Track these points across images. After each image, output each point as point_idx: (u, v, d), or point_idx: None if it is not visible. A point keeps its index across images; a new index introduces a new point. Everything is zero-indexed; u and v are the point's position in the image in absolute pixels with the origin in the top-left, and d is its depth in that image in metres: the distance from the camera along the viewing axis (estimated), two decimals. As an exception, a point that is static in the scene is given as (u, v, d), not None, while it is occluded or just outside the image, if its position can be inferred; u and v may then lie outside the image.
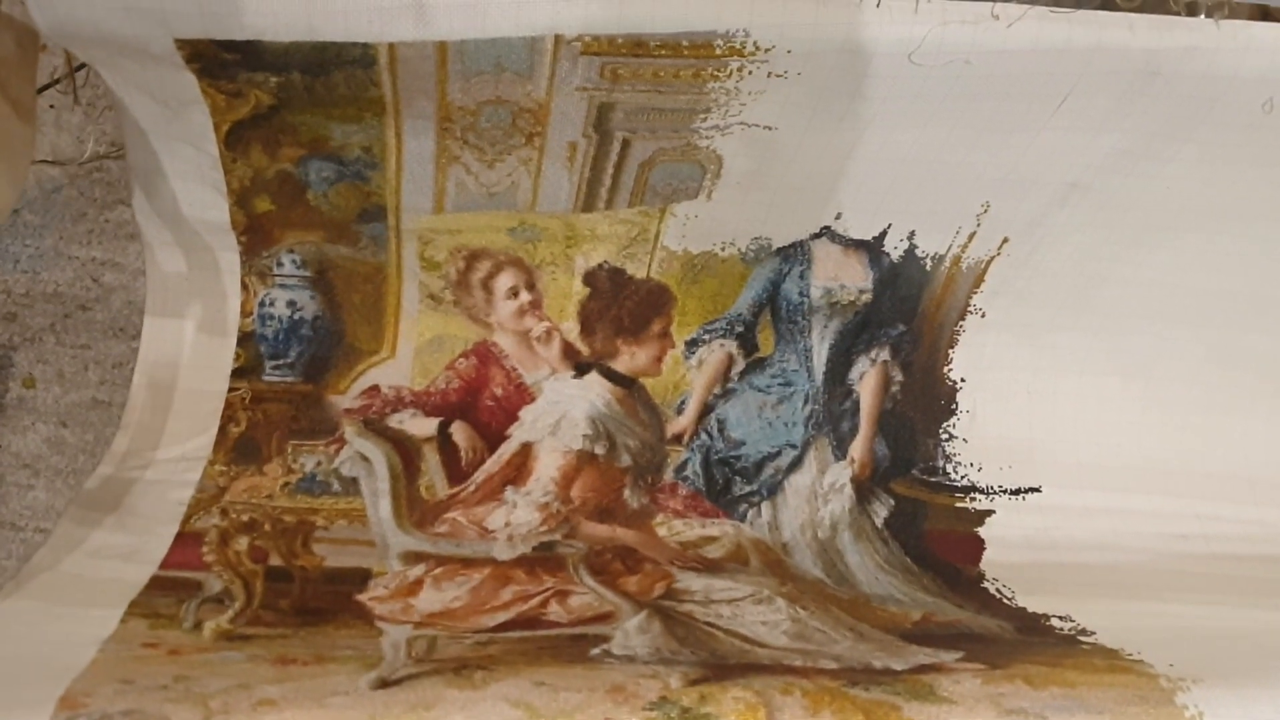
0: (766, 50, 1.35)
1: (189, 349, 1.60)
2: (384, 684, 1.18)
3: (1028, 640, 1.42)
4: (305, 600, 1.40)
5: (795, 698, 1.19)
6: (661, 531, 1.60)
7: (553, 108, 1.43)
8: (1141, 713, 1.21)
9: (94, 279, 1.76)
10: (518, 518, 1.54)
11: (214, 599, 1.36)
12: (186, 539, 1.45)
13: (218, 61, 1.33)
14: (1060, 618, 1.48)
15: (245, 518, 1.50)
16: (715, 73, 1.38)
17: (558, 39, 1.33)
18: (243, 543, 1.46)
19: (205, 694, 1.12)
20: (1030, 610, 1.51)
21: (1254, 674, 1.28)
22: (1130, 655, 1.35)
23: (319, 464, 1.58)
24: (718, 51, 1.35)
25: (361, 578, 1.44)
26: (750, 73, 1.38)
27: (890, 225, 1.64)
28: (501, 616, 1.39)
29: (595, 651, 1.31)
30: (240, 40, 1.30)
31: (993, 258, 1.65)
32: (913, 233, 1.64)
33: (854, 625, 1.43)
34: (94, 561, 1.38)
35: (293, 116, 1.44)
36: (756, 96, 1.41)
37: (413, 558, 1.48)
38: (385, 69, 1.36)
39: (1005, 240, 1.63)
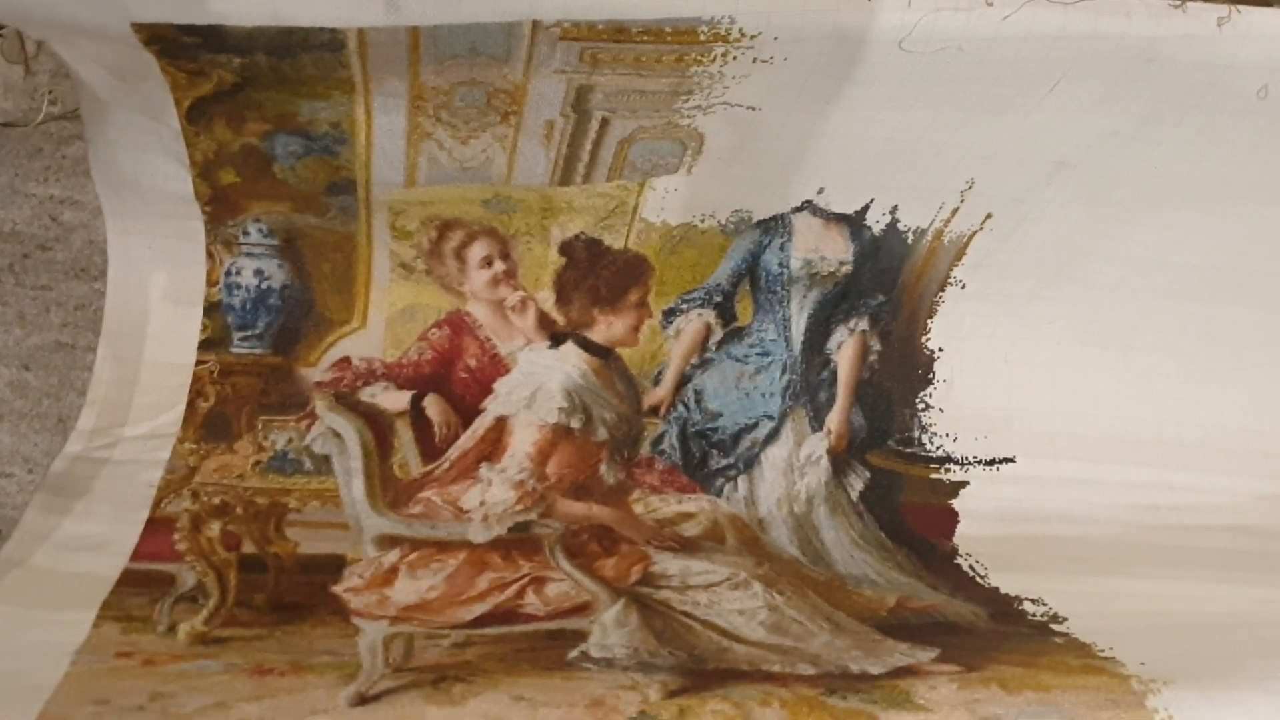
0: (752, 37, 1.30)
1: (154, 320, 1.57)
2: (363, 700, 1.18)
3: (1001, 630, 1.43)
4: (280, 594, 1.39)
5: (774, 709, 1.20)
6: (638, 508, 1.59)
7: (529, 89, 1.38)
8: (1113, 717, 1.23)
9: (53, 218, 1.70)
10: (493, 496, 1.53)
11: (188, 596, 1.35)
12: (158, 525, 1.43)
13: (178, 44, 1.27)
14: (1033, 601, 1.49)
15: (217, 500, 1.48)
16: (699, 58, 1.34)
17: (535, 24, 1.27)
18: (215, 528, 1.44)
19: (182, 714, 1.11)
20: (1003, 591, 1.52)
21: (1223, 675, 1.30)
22: (1102, 652, 1.36)
23: (290, 441, 1.56)
24: (702, 37, 1.30)
25: (336, 565, 1.43)
26: (735, 58, 1.33)
27: (873, 200, 1.61)
28: (478, 608, 1.38)
29: (573, 654, 1.31)
30: (201, 25, 1.24)
31: (975, 232, 1.63)
32: (895, 207, 1.61)
33: (830, 614, 1.43)
34: (64, 555, 1.36)
35: (258, 94, 1.38)
36: (741, 80, 1.37)
37: (387, 541, 1.46)
38: (354, 53, 1.30)
39: (989, 215, 1.61)
